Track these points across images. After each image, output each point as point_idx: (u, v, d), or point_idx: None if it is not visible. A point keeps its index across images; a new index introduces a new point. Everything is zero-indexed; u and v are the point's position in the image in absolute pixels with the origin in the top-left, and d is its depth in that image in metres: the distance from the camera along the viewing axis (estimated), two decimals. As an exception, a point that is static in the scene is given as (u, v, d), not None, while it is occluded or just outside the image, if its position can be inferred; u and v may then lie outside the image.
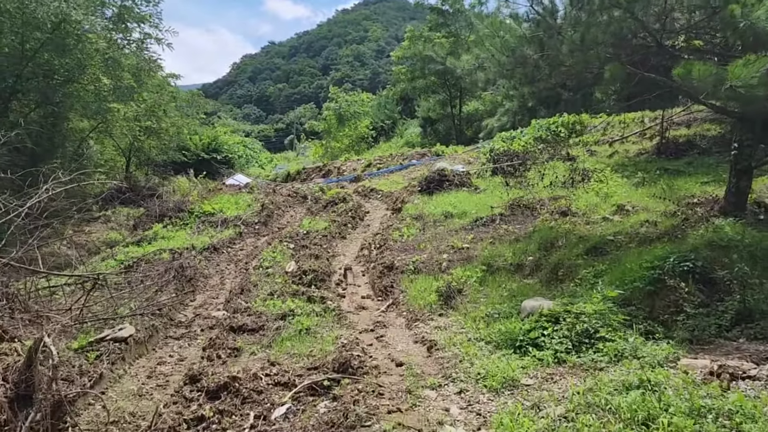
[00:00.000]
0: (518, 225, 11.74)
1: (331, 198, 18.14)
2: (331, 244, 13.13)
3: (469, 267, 9.46)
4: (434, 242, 11.57)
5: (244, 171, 37.62)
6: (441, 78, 36.69)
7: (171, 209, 17.68)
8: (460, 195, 15.65)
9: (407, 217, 14.44)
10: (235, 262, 12.27)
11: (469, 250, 10.47)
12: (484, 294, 8.61)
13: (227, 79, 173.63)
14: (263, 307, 8.44)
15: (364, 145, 40.63)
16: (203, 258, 12.37)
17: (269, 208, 16.91)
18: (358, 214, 16.03)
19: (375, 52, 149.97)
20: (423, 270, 9.92)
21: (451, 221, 13.19)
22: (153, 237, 15.56)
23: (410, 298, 8.84)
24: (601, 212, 11.36)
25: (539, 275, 8.98)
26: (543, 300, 6.98)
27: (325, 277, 9.98)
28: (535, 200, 12.91)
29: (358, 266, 11.58)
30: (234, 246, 13.56)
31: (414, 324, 7.48)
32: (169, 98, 23.11)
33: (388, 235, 12.75)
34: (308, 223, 14.78)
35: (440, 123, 39.40)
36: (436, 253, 10.66)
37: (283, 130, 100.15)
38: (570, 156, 19.26)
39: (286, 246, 12.64)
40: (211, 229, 15.17)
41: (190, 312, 9.15)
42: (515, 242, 10.48)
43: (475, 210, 13.65)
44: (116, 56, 15.68)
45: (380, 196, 19.16)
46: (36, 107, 16.00)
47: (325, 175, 29.77)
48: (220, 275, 11.48)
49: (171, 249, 12.66)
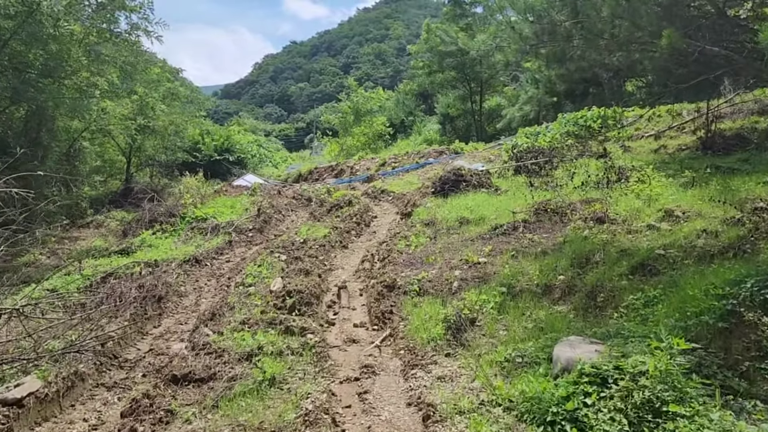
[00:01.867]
0: (545, 234, 9.95)
1: (337, 201, 16.49)
2: (329, 255, 11.48)
3: (485, 288, 7.73)
4: (445, 254, 9.85)
5: (257, 171, 36.27)
6: (460, 72, 34.81)
7: (162, 214, 16.23)
8: (479, 197, 13.88)
9: (417, 223, 12.73)
10: (218, 277, 10.70)
11: (485, 266, 8.72)
12: (503, 325, 6.88)
13: (249, 78, 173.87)
14: (229, 340, 6.82)
15: (381, 143, 38.95)
16: (182, 272, 10.83)
17: (266, 212, 15.32)
18: (364, 219, 14.36)
19: (396, 51, 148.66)
20: (430, 291, 8.20)
21: (466, 228, 11.44)
22: (139, 245, 14.15)
23: (412, 328, 7.14)
24: (645, 218, 9.52)
25: (573, 300, 7.21)
26: (581, 343, 5.23)
27: (313, 300, 8.31)
28: (564, 204, 11.09)
29: (356, 283, 9.90)
30: (220, 257, 11.99)
31: (412, 370, 5.78)
32: (163, 94, 21.67)
33: (393, 245, 11.05)
34: (307, 230, 13.15)
35: (460, 119, 37.55)
36: (447, 269, 8.94)
37: (304, 129, 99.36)
38: (602, 153, 17.39)
39: (277, 258, 11.03)
40: (199, 237, 13.66)
41: (145, 344, 7.58)
42: (542, 256, 8.71)
43: (495, 215, 11.88)
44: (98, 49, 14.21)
45: (391, 198, 17.46)
46: (10, 104, 14.64)
47: (338, 174, 28.18)
48: (197, 293, 9.92)
49: (147, 262, 11.15)
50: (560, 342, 5.38)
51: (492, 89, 36.44)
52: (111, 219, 18.53)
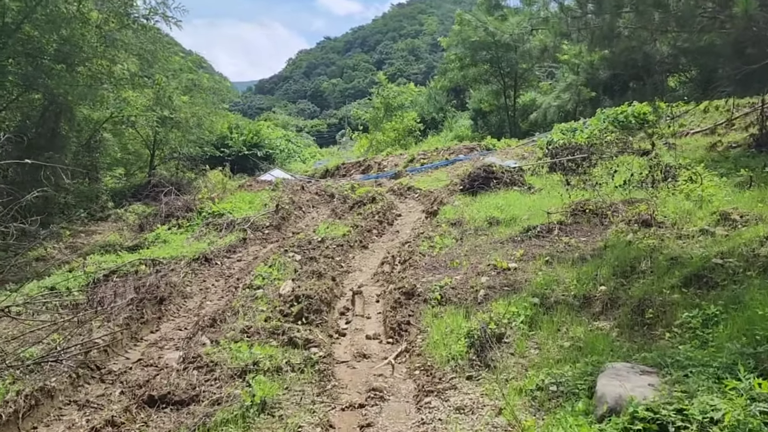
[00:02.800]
0: (583, 238, 8.99)
1: (360, 198, 15.69)
2: (347, 256, 10.70)
3: (515, 299, 6.83)
4: (472, 258, 8.96)
5: (285, 166, 35.73)
6: (494, 65, 33.61)
7: (179, 208, 15.67)
8: (510, 196, 12.93)
9: (443, 222, 11.85)
10: (226, 277, 10.01)
11: (516, 273, 7.82)
12: (535, 343, 5.99)
13: (282, 74, 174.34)
14: (225, 352, 6.09)
15: (410, 139, 37.98)
16: (190, 271, 10.18)
17: (285, 209, 14.61)
18: (387, 218, 13.54)
19: (430, 46, 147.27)
20: (452, 299, 7.34)
21: (496, 230, 10.52)
22: (153, 241, 13.60)
23: (430, 343, 6.30)
24: (698, 222, 8.49)
25: (616, 316, 6.28)
26: (630, 373, 4.32)
27: (323, 307, 7.53)
28: (604, 204, 10.08)
29: (374, 287, 9.09)
30: (232, 256, 11.31)
31: (426, 398, 4.94)
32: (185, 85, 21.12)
33: (416, 246, 10.20)
34: (326, 228, 12.39)
35: (493, 115, 36.32)
36: (473, 275, 8.06)
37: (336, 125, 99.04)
38: (645, 150, 16.24)
39: (290, 258, 10.29)
40: (214, 233, 13.03)
41: (137, 352, 6.90)
42: (580, 263, 7.77)
43: (528, 215, 10.93)
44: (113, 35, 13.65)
45: (417, 195, 16.58)
46: (23, 92, 14.21)
47: (365, 170, 27.40)
48: (203, 295, 9.24)
49: (154, 260, 10.53)
50: (604, 371, 4.47)
51: (527, 84, 35.13)
52: (130, 213, 18.07)
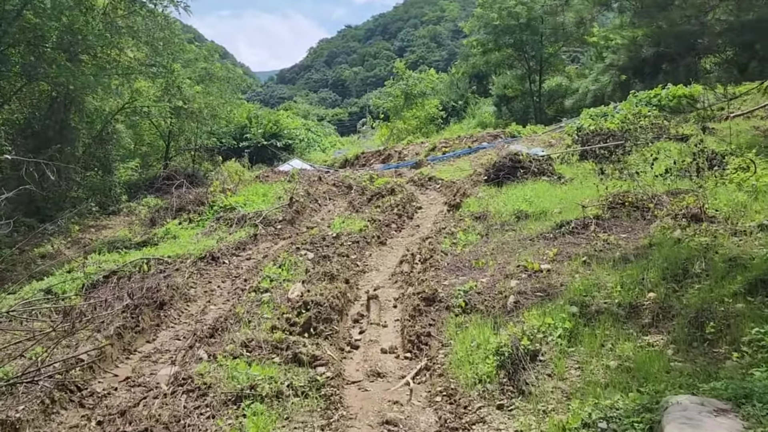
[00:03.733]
0: (624, 234, 8.09)
1: (378, 189, 14.89)
2: (363, 253, 9.93)
3: (550, 308, 6.00)
4: (499, 257, 8.13)
5: (304, 156, 35.07)
6: (518, 49, 32.42)
7: (191, 202, 15.11)
8: (539, 186, 12.02)
9: (467, 216, 11.01)
10: (234, 278, 9.32)
11: (549, 275, 6.97)
12: (576, 362, 5.17)
13: (304, 63, 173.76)
14: (221, 371, 5.39)
15: (432, 126, 37.00)
16: (196, 271, 9.52)
17: (300, 202, 13.88)
18: (407, 211, 12.73)
19: (451, 32, 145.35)
20: (478, 307, 6.53)
21: (524, 225, 9.65)
22: (162, 236, 13.06)
23: (454, 360, 5.52)
24: (755, 216, 7.53)
25: (670, 329, 5.41)
26: (702, 413, 3.49)
27: (334, 315, 6.78)
28: (645, 196, 9.15)
29: (391, 289, 8.32)
30: (241, 254, 10.61)
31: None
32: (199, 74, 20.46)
33: (437, 243, 9.38)
34: (341, 222, 11.64)
35: (517, 101, 35.14)
36: (501, 277, 7.24)
37: (357, 114, 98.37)
38: (683, 135, 15.19)
39: (302, 256, 9.57)
40: (224, 228, 12.38)
41: (128, 367, 6.24)
42: (622, 264, 6.89)
43: (559, 209, 10.03)
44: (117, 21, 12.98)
45: (439, 186, 15.73)
46: (27, 82, 13.67)
47: (385, 160, 26.57)
48: (207, 297, 8.56)
49: (159, 259, 9.89)
50: (668, 408, 3.64)
51: (553, 68, 33.85)
52: (143, 206, 17.55)
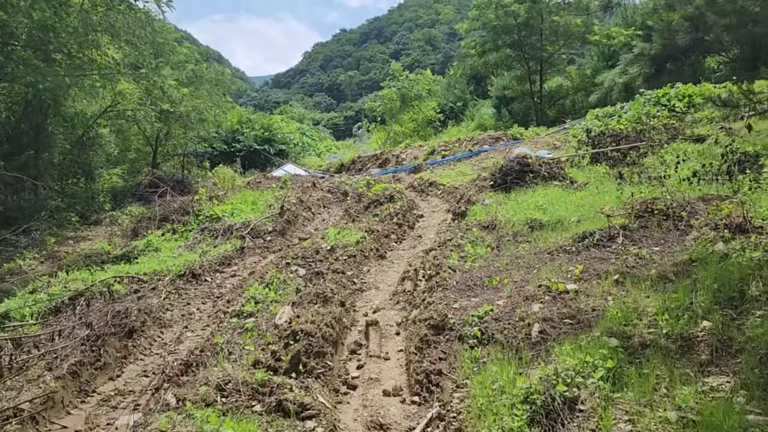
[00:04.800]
0: (656, 247, 7.13)
1: (376, 196, 13.91)
2: (361, 269, 8.95)
3: (585, 341, 5.02)
4: (515, 274, 7.16)
5: (299, 161, 34.10)
6: (517, 49, 31.53)
7: (176, 211, 14.12)
8: (551, 192, 11.06)
9: (473, 225, 10.04)
10: (216, 298, 8.32)
11: (578, 298, 6.00)
12: (624, 412, 4.19)
13: (299, 68, 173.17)
14: (189, 424, 4.40)
15: (430, 129, 36.06)
16: (174, 291, 8.53)
17: (292, 210, 12.89)
18: (408, 220, 11.76)
19: (447, 35, 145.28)
20: (497, 337, 5.55)
21: (539, 236, 8.69)
22: (142, 249, 12.07)
23: (473, 408, 4.55)
24: (809, 227, 6.60)
25: (736, 369, 4.43)
26: None
27: (328, 347, 5.79)
28: (676, 203, 8.20)
29: (392, 311, 7.33)
30: (225, 270, 9.62)
31: None
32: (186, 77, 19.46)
33: (443, 258, 8.40)
34: (337, 233, 10.64)
35: (517, 102, 34.26)
36: (520, 299, 6.26)
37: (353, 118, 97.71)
38: (700, 136, 14.30)
39: (293, 273, 8.59)
40: (209, 240, 11.39)
41: (82, 413, 5.23)
42: (661, 284, 5.92)
43: (577, 217, 9.07)
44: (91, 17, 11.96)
45: (440, 192, 14.76)
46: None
47: (382, 164, 25.62)
48: (184, 323, 7.56)
49: (133, 276, 8.90)
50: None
51: (553, 68, 32.95)
52: (127, 215, 16.52)
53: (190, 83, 20.22)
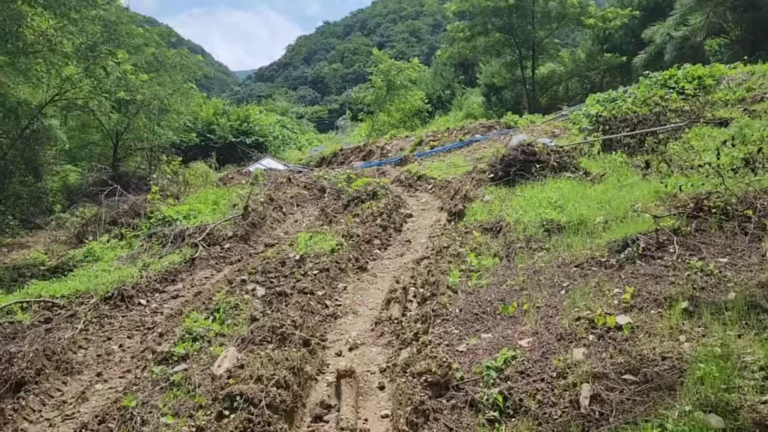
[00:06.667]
0: (722, 258, 5.34)
1: (357, 192, 12.04)
2: (335, 286, 7.12)
3: (669, 418, 3.25)
4: (537, 296, 5.37)
5: (278, 155, 32.12)
6: (507, 33, 29.71)
7: (126, 213, 12.22)
8: (564, 186, 9.27)
9: (474, 227, 8.24)
10: (146, 330, 6.44)
11: (636, 339, 4.20)
12: None
13: (282, 61, 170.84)
14: None
15: (417, 120, 34.13)
16: (96, 319, 6.65)
17: (258, 211, 10.98)
18: (393, 221, 9.92)
19: (431, 27, 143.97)
20: (527, 405, 3.75)
21: (560, 242, 6.90)
22: (81, 259, 10.22)
23: None
24: None
25: None
26: None
27: (278, 420, 3.97)
28: (736, 198, 6.43)
29: (375, 348, 5.51)
30: (167, 287, 7.74)
31: None
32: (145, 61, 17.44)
33: (440, 273, 6.57)
34: (308, 239, 8.77)
35: (507, 90, 32.50)
36: (552, 338, 4.48)
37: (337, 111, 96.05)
38: (722, 119, 12.63)
39: (249, 294, 6.74)
40: (156, 248, 9.50)
41: None
42: (754, 316, 4.17)
43: (603, 216, 7.27)
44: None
45: (431, 186, 12.94)
46: None
47: (366, 156, 23.75)
48: (99, 367, 5.70)
49: (46, 300, 7.02)
50: None
51: (545, 53, 31.14)
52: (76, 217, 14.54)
53: (151, 69, 18.19)
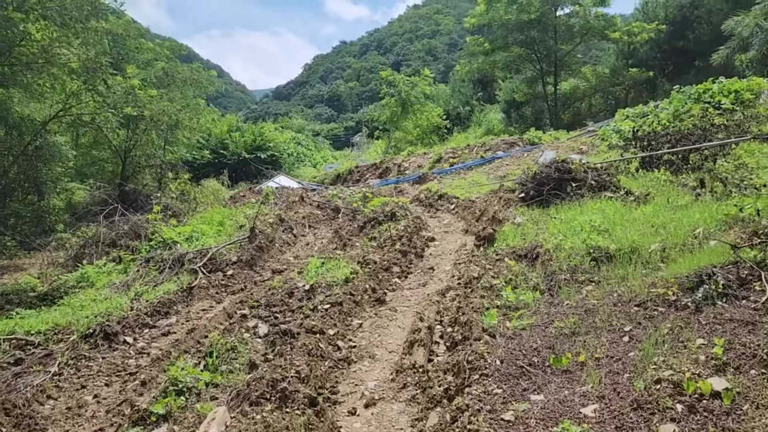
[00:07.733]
0: (828, 299, 4.33)
1: (374, 213, 11.10)
2: (349, 323, 6.15)
3: None
4: (595, 344, 4.38)
5: (293, 172, 31.42)
6: (528, 48, 28.85)
7: (126, 234, 11.42)
8: (606, 207, 8.26)
9: (506, 253, 7.26)
10: (128, 376, 5.52)
11: (741, 411, 3.21)
12: None
13: (299, 80, 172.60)
14: None
15: (435, 137, 33.22)
16: (72, 361, 5.75)
17: (266, 233, 10.07)
18: (414, 245, 8.95)
19: (447, 46, 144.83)
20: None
21: (611, 272, 5.89)
22: (74, 284, 9.42)
23: None
24: None
25: None
26: None
27: None
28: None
29: (396, 405, 4.53)
30: (159, 322, 6.81)
31: None
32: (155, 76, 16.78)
33: (472, 311, 5.59)
34: (319, 266, 7.83)
35: (528, 106, 31.57)
36: (626, 407, 3.48)
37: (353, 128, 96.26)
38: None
39: (250, 332, 5.82)
40: (153, 275, 8.63)
41: None
42: None
43: (660, 243, 6.24)
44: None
45: (453, 206, 11.97)
46: None
47: (382, 174, 22.86)
48: (67, 424, 4.77)
49: (20, 338, 6.16)
50: None
51: (568, 69, 30.20)
52: (78, 237, 13.78)
53: (162, 84, 17.53)
